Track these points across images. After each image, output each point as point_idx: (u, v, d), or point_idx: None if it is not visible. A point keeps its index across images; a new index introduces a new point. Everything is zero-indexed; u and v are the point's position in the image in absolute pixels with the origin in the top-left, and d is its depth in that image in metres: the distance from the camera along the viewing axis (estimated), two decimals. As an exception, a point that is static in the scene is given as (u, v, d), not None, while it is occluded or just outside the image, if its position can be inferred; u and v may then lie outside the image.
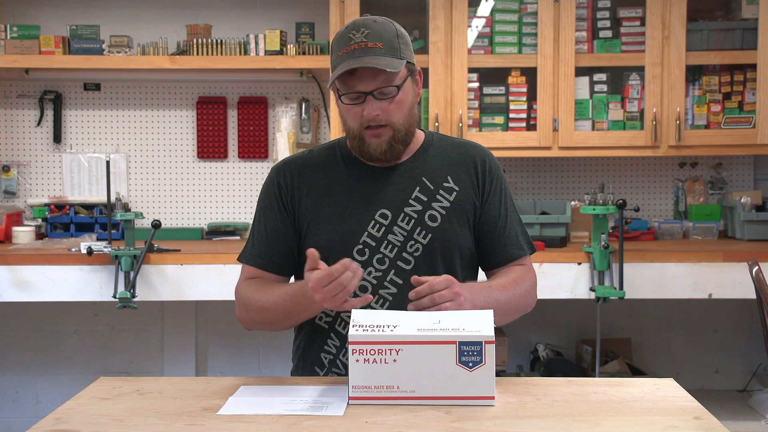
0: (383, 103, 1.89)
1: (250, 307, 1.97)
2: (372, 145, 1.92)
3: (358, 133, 1.93)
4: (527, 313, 2.05)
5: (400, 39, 1.92)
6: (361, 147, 1.94)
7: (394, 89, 1.90)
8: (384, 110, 1.90)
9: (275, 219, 2.02)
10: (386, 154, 1.93)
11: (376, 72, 1.87)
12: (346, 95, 1.90)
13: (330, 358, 2.00)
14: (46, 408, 4.09)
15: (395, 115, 1.91)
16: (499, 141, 3.77)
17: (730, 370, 4.19)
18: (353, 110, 1.91)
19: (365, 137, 1.92)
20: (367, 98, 1.88)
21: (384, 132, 1.91)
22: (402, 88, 1.91)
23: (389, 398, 1.62)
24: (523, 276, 2.02)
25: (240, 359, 4.20)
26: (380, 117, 1.90)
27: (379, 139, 1.92)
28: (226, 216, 4.22)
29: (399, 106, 1.92)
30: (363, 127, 1.91)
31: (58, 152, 4.18)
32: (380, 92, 1.89)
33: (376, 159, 1.95)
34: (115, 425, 1.55)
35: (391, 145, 1.93)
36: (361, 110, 1.90)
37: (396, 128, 1.92)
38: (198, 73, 4.08)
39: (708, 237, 3.95)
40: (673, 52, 3.74)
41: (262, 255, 2.02)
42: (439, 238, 1.97)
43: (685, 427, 1.52)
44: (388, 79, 1.88)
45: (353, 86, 1.88)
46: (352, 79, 1.88)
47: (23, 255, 3.44)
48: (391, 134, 1.92)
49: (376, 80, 1.87)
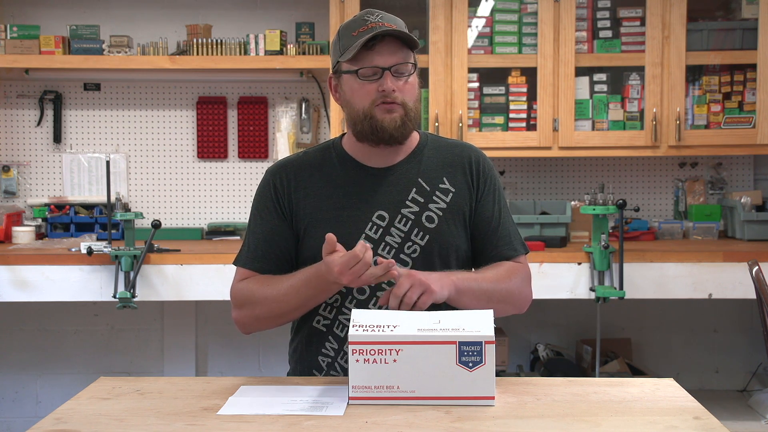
0: (398, 81, 1.91)
1: (256, 303, 1.95)
2: (386, 120, 1.91)
3: (368, 111, 1.92)
4: (523, 311, 2.03)
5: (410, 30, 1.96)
6: (372, 125, 1.92)
7: (411, 67, 1.92)
8: (399, 89, 1.91)
9: (272, 222, 2.01)
10: (399, 130, 1.93)
11: (394, 49, 1.89)
12: (362, 70, 1.90)
13: (328, 361, 1.99)
14: (46, 408, 4.09)
15: (409, 95, 1.93)
16: (499, 141, 3.77)
17: (730, 370, 4.19)
18: (366, 87, 1.91)
19: (376, 114, 1.91)
20: (384, 73, 1.89)
21: (397, 108, 1.92)
22: (414, 72, 1.94)
23: (389, 398, 1.62)
24: (511, 270, 1.99)
25: (240, 359, 4.20)
26: (396, 94, 1.90)
27: (392, 114, 1.91)
28: (226, 216, 4.22)
29: (412, 89, 1.94)
30: (375, 104, 1.91)
31: (58, 152, 4.18)
32: (397, 70, 1.91)
33: (388, 137, 1.93)
34: (115, 425, 1.55)
35: (404, 122, 1.93)
36: (375, 87, 1.90)
37: (408, 108, 1.93)
38: (198, 73, 4.08)
39: (708, 237, 3.95)
40: (673, 52, 3.74)
41: (259, 258, 2.00)
42: (437, 240, 1.96)
43: (685, 427, 1.52)
44: (405, 57, 1.91)
45: (370, 60, 1.89)
46: (370, 53, 1.89)
47: (23, 255, 3.44)
48: (404, 112, 1.92)
49: (395, 56, 1.90)
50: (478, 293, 1.87)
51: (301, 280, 1.90)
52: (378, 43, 1.89)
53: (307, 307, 1.96)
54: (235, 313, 2.00)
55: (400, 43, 1.90)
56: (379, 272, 1.77)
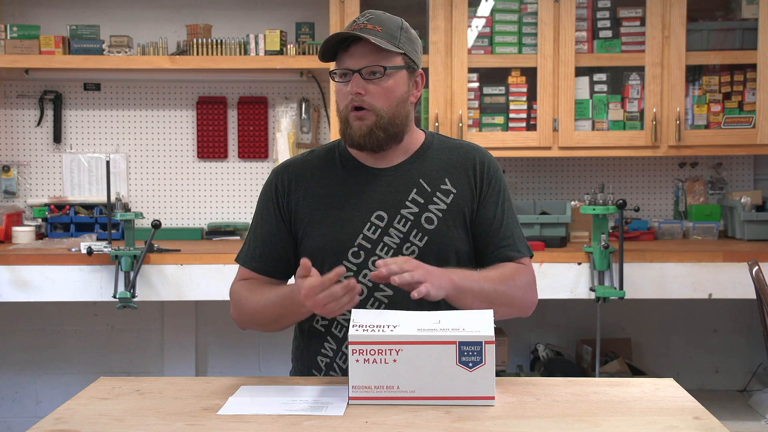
0: (369, 85, 1.89)
1: (242, 308, 1.99)
2: (353, 127, 1.91)
3: (344, 115, 1.93)
4: (527, 315, 2.01)
5: (402, 32, 1.93)
6: (345, 130, 1.94)
7: (380, 69, 1.89)
8: (369, 92, 1.89)
9: (270, 223, 2.02)
10: (365, 138, 1.91)
11: (367, 52, 1.88)
12: (337, 71, 1.92)
13: (327, 361, 1.99)
14: (46, 408, 4.09)
15: (379, 100, 1.90)
16: (499, 141, 3.77)
17: (730, 370, 4.19)
18: (342, 90, 1.92)
19: (350, 120, 1.92)
20: (354, 75, 1.89)
21: (366, 116, 1.91)
22: (392, 74, 1.91)
23: (389, 398, 1.62)
24: (515, 272, 1.96)
25: (240, 359, 4.20)
26: (363, 97, 1.89)
27: (361, 122, 1.91)
28: (226, 216, 4.22)
29: (386, 93, 1.90)
30: (349, 109, 1.91)
31: (58, 152, 4.18)
32: (368, 71, 1.89)
33: (357, 144, 1.93)
34: (115, 425, 1.55)
35: (371, 131, 1.91)
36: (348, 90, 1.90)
37: (378, 114, 1.91)
38: (198, 73, 4.08)
39: (708, 237, 3.95)
40: (673, 52, 3.74)
41: (257, 258, 2.02)
42: (435, 241, 1.95)
43: (685, 427, 1.52)
44: (378, 60, 1.89)
45: (343, 63, 1.90)
46: (344, 56, 1.90)
47: (23, 255, 3.44)
48: (374, 120, 1.91)
49: (365, 59, 1.89)
50: (479, 294, 1.85)
51: (277, 297, 1.90)
52: (353, 45, 1.89)
53: (285, 324, 1.95)
54: (231, 311, 2.04)
55: (376, 46, 1.88)
56: (340, 292, 1.70)
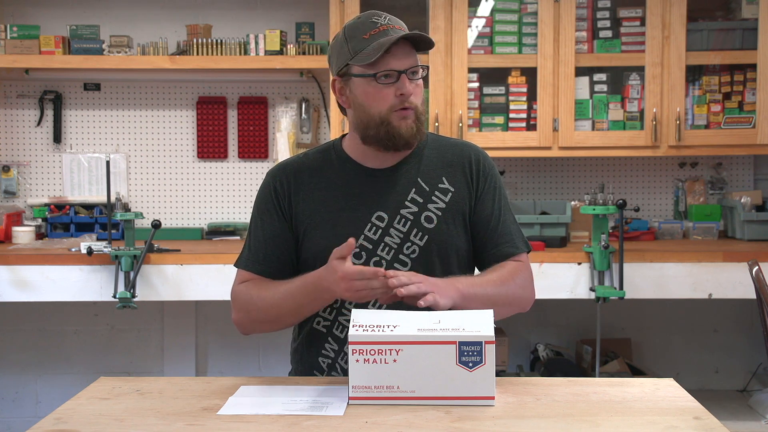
0: (411, 84, 1.91)
1: (253, 306, 1.95)
2: (402, 128, 1.91)
3: (386, 117, 1.91)
4: (525, 311, 2.02)
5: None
6: (389, 132, 1.91)
7: (424, 69, 1.93)
8: (413, 92, 1.91)
9: (273, 224, 2.00)
10: (415, 136, 1.93)
11: (408, 52, 1.89)
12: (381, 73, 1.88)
13: (328, 362, 1.99)
14: (46, 408, 4.09)
15: (418, 99, 1.94)
16: (499, 141, 3.77)
17: (730, 370, 4.19)
18: (383, 92, 1.90)
19: (393, 121, 1.91)
20: (401, 77, 1.89)
21: (409, 114, 1.92)
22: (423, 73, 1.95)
23: (389, 398, 1.62)
24: (514, 271, 1.97)
25: (240, 359, 4.20)
26: (412, 98, 1.91)
27: (407, 121, 1.91)
28: (226, 216, 4.22)
29: (421, 92, 1.95)
30: (392, 110, 1.90)
31: (58, 152, 4.18)
32: (412, 71, 1.91)
33: (404, 143, 1.93)
34: (115, 425, 1.55)
35: (418, 128, 1.93)
36: (392, 91, 1.89)
37: (419, 112, 1.93)
38: (198, 73, 4.08)
39: (708, 237, 3.95)
40: (673, 52, 3.74)
41: (260, 260, 2.00)
42: (436, 240, 1.96)
43: (685, 427, 1.52)
44: (417, 60, 1.92)
45: (386, 64, 1.88)
46: (386, 57, 1.88)
47: (23, 255, 3.44)
48: (415, 117, 1.93)
49: (409, 59, 1.90)
50: (483, 299, 1.85)
51: (297, 286, 1.89)
52: (393, 46, 1.88)
53: (301, 315, 1.95)
54: (234, 315, 2.00)
55: (411, 46, 1.91)
56: (377, 285, 1.75)
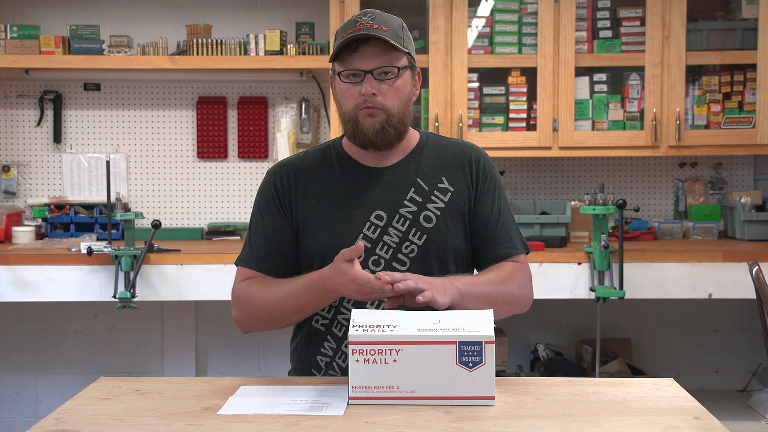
0: (381, 85, 1.89)
1: (255, 305, 1.94)
2: (365, 125, 1.90)
3: (352, 115, 1.91)
4: (524, 311, 2.02)
5: (404, 31, 1.94)
6: (354, 129, 1.92)
7: (394, 70, 1.90)
8: (381, 92, 1.89)
9: (273, 221, 2.00)
10: (378, 134, 1.91)
11: (378, 52, 1.87)
12: (344, 72, 1.90)
13: (327, 360, 1.99)
14: (46, 408, 4.09)
15: (391, 99, 1.91)
16: (499, 141, 3.77)
17: (730, 370, 4.19)
18: (350, 91, 1.90)
19: (359, 117, 1.91)
20: (366, 76, 1.88)
21: (378, 113, 1.90)
22: (401, 74, 1.91)
23: (389, 398, 1.62)
24: (512, 271, 1.98)
25: (240, 359, 4.20)
26: (377, 98, 1.89)
27: (373, 119, 1.90)
28: (226, 216, 4.22)
29: (396, 93, 1.91)
30: (358, 108, 1.90)
31: (58, 152, 4.18)
32: (380, 72, 1.89)
33: (368, 142, 1.93)
34: (115, 425, 1.55)
35: (384, 128, 1.91)
36: (358, 90, 1.89)
37: (390, 113, 1.91)
38: (198, 73, 4.08)
39: (708, 237, 3.95)
40: (673, 52, 3.74)
41: (261, 258, 1.99)
42: (434, 239, 1.96)
43: (685, 427, 1.52)
44: (389, 60, 1.89)
45: (353, 63, 1.88)
46: (353, 56, 1.88)
47: (23, 255, 3.44)
48: (385, 117, 1.91)
49: (377, 59, 1.88)
50: (482, 297, 1.85)
51: (301, 286, 1.89)
52: (363, 45, 1.88)
53: (304, 314, 1.95)
54: (235, 312, 1.99)
55: (387, 46, 1.89)
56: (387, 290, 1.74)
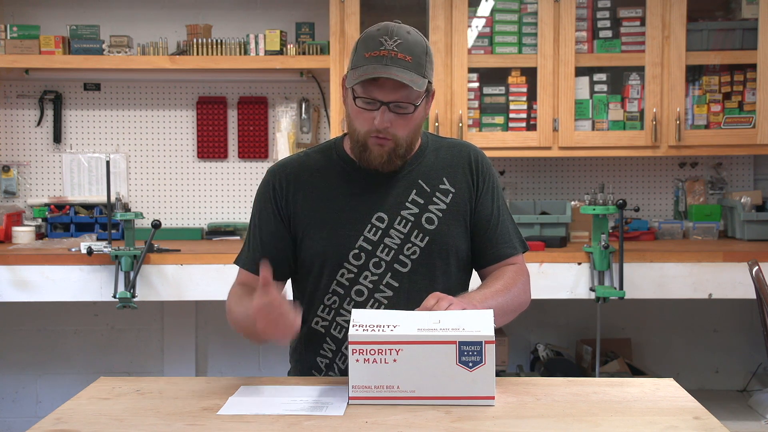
0: (396, 118, 1.87)
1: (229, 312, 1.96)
2: (373, 153, 1.90)
3: (363, 139, 1.90)
4: (523, 311, 2.03)
5: (427, 57, 1.89)
6: (362, 153, 1.92)
7: (410, 107, 1.87)
8: (394, 124, 1.87)
9: (269, 224, 2.00)
10: (384, 165, 1.92)
11: (399, 85, 1.83)
12: (361, 98, 1.87)
13: (326, 362, 1.99)
14: (46, 408, 4.09)
15: (402, 131, 1.89)
16: (499, 141, 3.77)
17: (730, 370, 4.19)
18: (364, 115, 1.88)
19: (369, 144, 1.90)
20: (381, 107, 1.86)
21: (387, 143, 1.89)
22: (416, 109, 1.89)
23: (389, 398, 1.62)
24: (515, 277, 1.99)
25: (240, 359, 4.20)
26: (389, 129, 1.88)
27: (382, 148, 1.90)
28: (226, 216, 4.22)
29: (407, 124, 1.89)
30: (369, 134, 1.89)
31: (58, 152, 4.18)
32: (397, 106, 1.86)
33: (372, 168, 1.94)
34: (115, 425, 1.55)
35: (390, 158, 1.91)
36: (372, 117, 1.87)
37: (398, 143, 1.90)
38: (198, 73, 4.08)
39: (708, 237, 3.95)
40: (673, 52, 3.74)
41: (257, 260, 1.96)
42: (437, 241, 1.96)
43: (685, 427, 1.52)
44: (408, 96, 1.85)
45: (371, 92, 1.85)
46: (373, 85, 1.84)
47: (23, 255, 3.44)
48: (393, 147, 1.90)
49: (396, 93, 1.85)
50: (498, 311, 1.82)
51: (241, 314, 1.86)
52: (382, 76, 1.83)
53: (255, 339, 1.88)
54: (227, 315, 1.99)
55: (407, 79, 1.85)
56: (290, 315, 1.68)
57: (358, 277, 1.94)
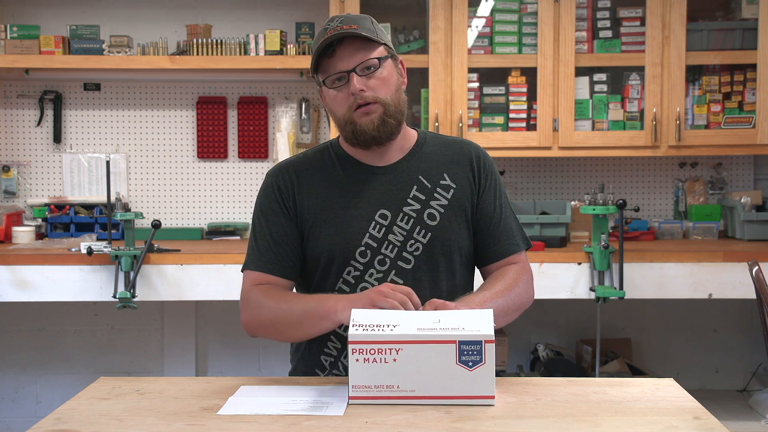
0: (369, 80, 1.89)
1: (262, 315, 1.92)
2: (364, 124, 1.90)
3: (348, 117, 1.91)
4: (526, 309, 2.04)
5: (375, 25, 1.95)
6: (353, 131, 1.92)
7: (375, 61, 1.90)
8: (369, 86, 1.89)
9: (279, 223, 1.99)
10: (379, 129, 1.91)
11: (354, 50, 1.88)
12: (329, 78, 1.90)
13: (331, 360, 1.99)
14: (46, 408, 4.09)
15: (381, 91, 1.90)
16: (499, 141, 3.77)
17: (730, 370, 4.19)
18: (339, 95, 1.91)
19: (355, 119, 1.90)
20: (350, 76, 1.88)
21: (374, 108, 1.90)
22: (383, 64, 1.91)
23: (389, 398, 1.62)
24: (517, 276, 1.99)
25: (240, 359, 4.20)
26: (366, 93, 1.88)
27: (370, 116, 1.90)
28: (226, 216, 4.22)
29: (384, 83, 1.91)
30: (352, 109, 1.90)
31: (58, 152, 4.18)
32: (362, 67, 1.89)
33: (371, 139, 1.92)
34: (115, 425, 1.55)
35: (383, 120, 1.91)
36: (347, 92, 1.89)
37: (385, 103, 1.91)
38: (198, 73, 4.08)
39: (708, 237, 3.95)
40: (673, 52, 3.74)
41: (271, 260, 1.97)
42: (439, 237, 1.96)
43: (685, 427, 1.52)
44: (367, 54, 1.89)
45: (334, 67, 1.89)
46: (332, 61, 1.89)
47: (23, 255, 3.44)
48: (382, 110, 1.90)
49: (355, 57, 1.88)
50: (498, 312, 1.84)
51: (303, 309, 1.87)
52: (338, 48, 1.88)
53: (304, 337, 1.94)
54: (243, 316, 1.96)
55: (361, 41, 1.89)
56: None
57: (364, 274, 1.94)
